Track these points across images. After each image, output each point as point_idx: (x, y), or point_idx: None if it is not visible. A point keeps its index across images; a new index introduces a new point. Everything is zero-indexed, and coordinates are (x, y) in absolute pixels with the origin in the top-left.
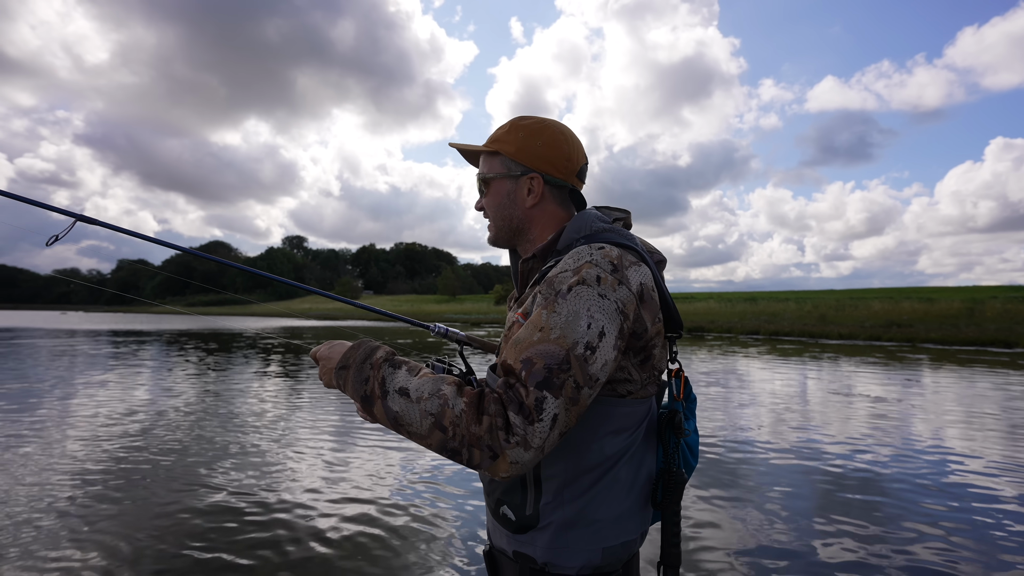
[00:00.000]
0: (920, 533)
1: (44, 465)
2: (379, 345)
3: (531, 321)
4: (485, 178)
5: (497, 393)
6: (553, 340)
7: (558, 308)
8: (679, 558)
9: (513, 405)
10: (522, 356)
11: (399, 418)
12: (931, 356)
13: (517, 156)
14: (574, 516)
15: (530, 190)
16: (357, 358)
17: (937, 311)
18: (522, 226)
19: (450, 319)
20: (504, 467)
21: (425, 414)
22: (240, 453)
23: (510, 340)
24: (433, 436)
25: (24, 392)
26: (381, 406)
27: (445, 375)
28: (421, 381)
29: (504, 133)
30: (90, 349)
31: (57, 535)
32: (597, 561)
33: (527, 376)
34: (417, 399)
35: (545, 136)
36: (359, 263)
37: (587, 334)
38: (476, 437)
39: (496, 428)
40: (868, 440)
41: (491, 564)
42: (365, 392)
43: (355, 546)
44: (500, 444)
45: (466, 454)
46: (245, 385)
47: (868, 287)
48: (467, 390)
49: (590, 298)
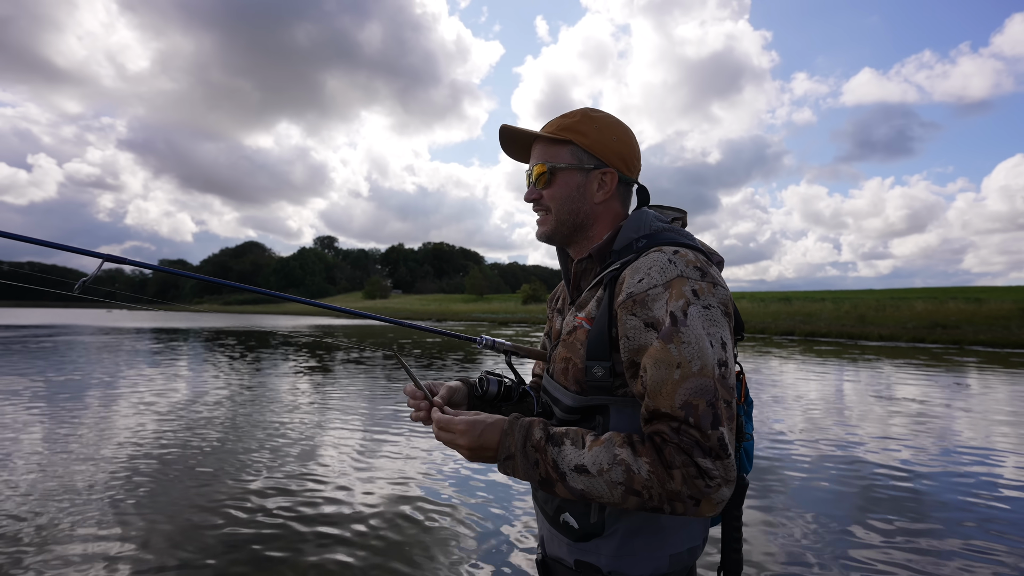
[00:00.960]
0: (963, 546)
1: (89, 455)
2: (531, 421)
3: (658, 359)
4: (554, 167)
5: (673, 443)
6: (697, 373)
7: (684, 338)
8: (741, 564)
9: (696, 450)
10: (678, 401)
11: (586, 494)
12: (980, 359)
13: (593, 148)
14: (640, 522)
15: (600, 185)
16: (517, 444)
17: (986, 312)
18: (587, 222)
19: (478, 318)
20: (709, 508)
21: (613, 484)
22: (269, 448)
23: (647, 386)
24: (628, 502)
25: (72, 385)
26: (563, 487)
27: (614, 435)
28: (594, 454)
29: (577, 122)
30: (135, 345)
31: (97, 520)
32: (664, 568)
33: (697, 421)
34: (598, 472)
35: (619, 131)
36: (388, 263)
37: (715, 353)
38: (675, 493)
39: (691, 477)
40: (911, 446)
41: (545, 573)
42: (540, 477)
43: (384, 541)
44: (702, 491)
45: (668, 508)
46: (280, 380)
47: (910, 287)
48: (641, 448)
49: (701, 316)
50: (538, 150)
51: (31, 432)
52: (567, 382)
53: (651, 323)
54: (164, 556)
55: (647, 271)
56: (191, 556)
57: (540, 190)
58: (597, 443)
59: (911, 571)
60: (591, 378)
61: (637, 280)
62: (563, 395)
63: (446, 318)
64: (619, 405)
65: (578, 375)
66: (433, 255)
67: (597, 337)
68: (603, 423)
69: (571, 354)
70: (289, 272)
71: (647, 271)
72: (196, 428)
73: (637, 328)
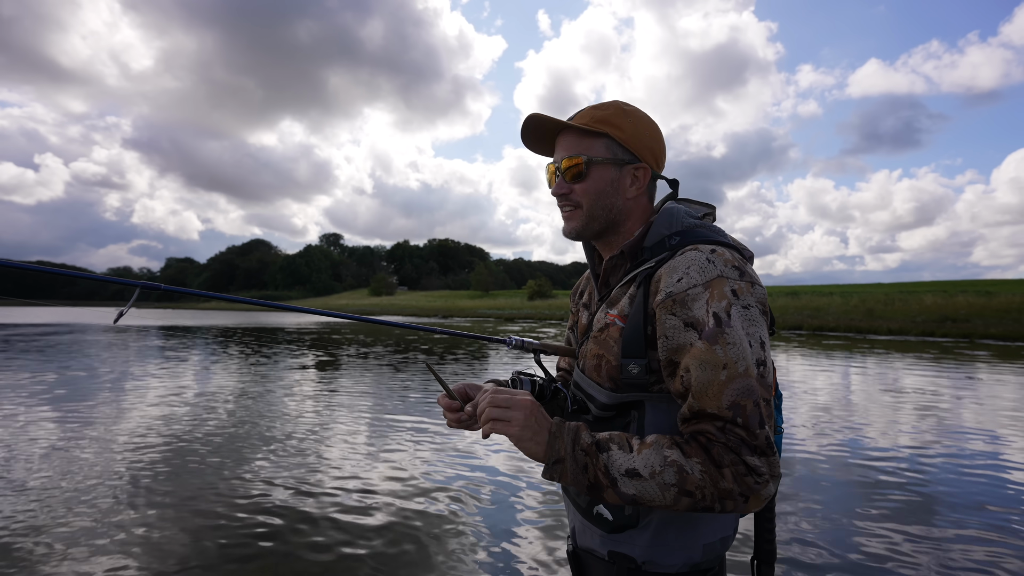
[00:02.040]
0: (969, 540)
1: (93, 452)
2: (577, 426)
3: (704, 360)
4: (591, 160)
5: (720, 442)
6: (743, 374)
7: (728, 339)
8: (774, 554)
9: (744, 449)
10: (726, 402)
11: (638, 499)
12: (991, 353)
13: (628, 142)
14: (673, 514)
15: (633, 180)
16: (567, 448)
17: (997, 305)
18: (619, 218)
19: (484, 314)
20: (757, 504)
21: (666, 487)
22: (278, 444)
23: (691, 386)
24: (680, 503)
25: (81, 382)
26: (614, 493)
27: (659, 437)
28: (645, 456)
29: (611, 115)
30: (145, 343)
31: (105, 518)
32: (697, 558)
33: (745, 421)
34: (651, 475)
35: (651, 127)
36: (394, 259)
37: (755, 352)
38: (726, 491)
39: (740, 475)
40: (919, 440)
41: (576, 565)
42: (588, 482)
43: (389, 538)
44: (751, 488)
45: (719, 507)
46: (286, 377)
47: (918, 280)
48: (688, 448)
49: (741, 316)
50: (568, 142)
51: (40, 428)
52: (600, 379)
53: (691, 323)
54: (170, 553)
55: (685, 270)
56: (197, 553)
57: (571, 184)
58: (645, 446)
59: (917, 562)
60: (626, 375)
61: (676, 279)
62: (597, 392)
63: (452, 314)
64: (654, 401)
65: (612, 372)
66: (438, 251)
67: (632, 335)
68: (638, 419)
69: (604, 351)
70: (295, 270)
71: (685, 270)
72: (203, 424)
73: (676, 328)
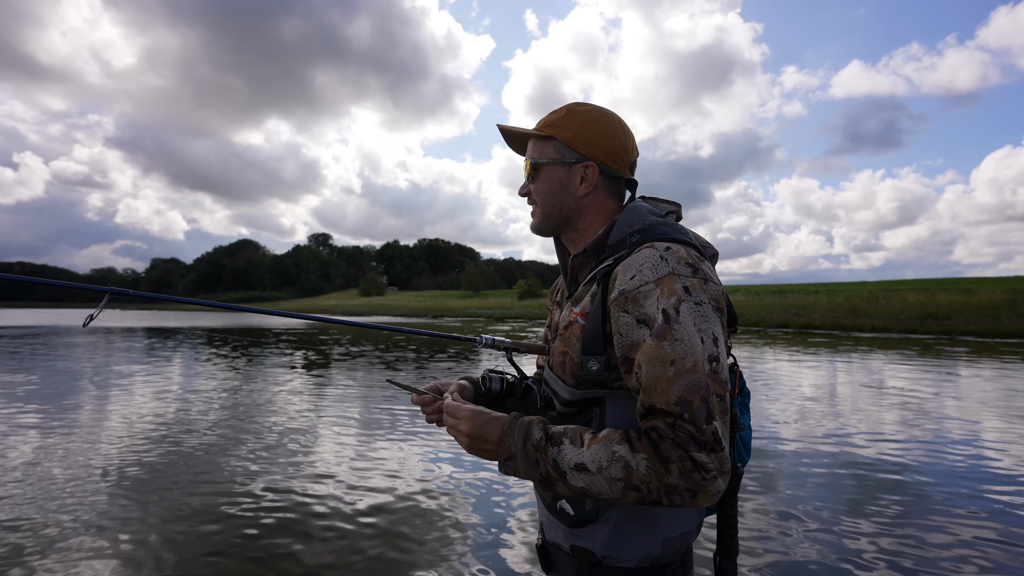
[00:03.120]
0: (952, 534)
1: (80, 452)
2: (530, 421)
3: (652, 356)
4: (536, 163)
5: (669, 438)
6: (690, 370)
7: (676, 335)
8: (736, 550)
9: (692, 444)
10: (673, 398)
11: (586, 491)
12: (970, 349)
13: (573, 143)
14: (633, 509)
15: (583, 178)
16: (517, 444)
17: (976, 302)
18: (571, 215)
19: (474, 314)
20: (706, 499)
21: (612, 481)
22: (267, 443)
23: (642, 382)
24: (628, 497)
25: (62, 385)
26: (563, 486)
27: (611, 432)
28: (593, 451)
29: (560, 118)
30: (127, 345)
31: (89, 521)
32: (657, 553)
33: (691, 416)
34: (598, 470)
35: (603, 124)
36: (383, 259)
37: (707, 349)
38: (672, 486)
39: (687, 471)
40: (901, 436)
41: (544, 558)
42: (540, 476)
43: (379, 535)
44: (698, 483)
45: (666, 501)
46: (273, 378)
47: (902, 278)
48: (638, 443)
49: (692, 312)
50: (529, 147)
51: (25, 432)
52: (564, 375)
53: (643, 320)
54: (158, 556)
55: (639, 268)
56: (186, 555)
57: (529, 185)
58: (595, 441)
59: (900, 558)
60: (586, 372)
61: (629, 277)
62: (561, 388)
63: (442, 314)
64: (615, 398)
65: (574, 369)
66: (428, 251)
67: (592, 332)
68: (600, 415)
69: (568, 348)
70: (284, 270)
71: (639, 268)
72: (190, 425)
73: (630, 325)
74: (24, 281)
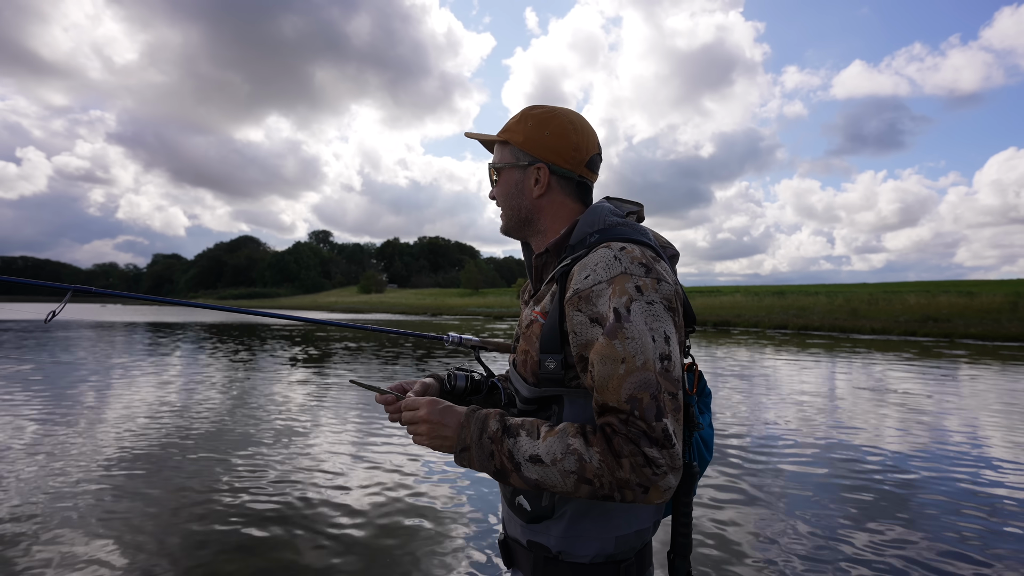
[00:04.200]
0: (950, 538)
1: (80, 447)
2: (488, 413)
3: (604, 354)
4: (496, 167)
5: (622, 434)
6: (640, 368)
7: (627, 334)
8: (689, 547)
9: (643, 440)
10: (624, 395)
11: (540, 483)
12: (971, 352)
13: (524, 146)
14: (588, 506)
15: (537, 180)
16: (473, 436)
17: (977, 305)
18: (530, 216)
19: (473, 312)
20: (657, 495)
21: (566, 473)
22: (263, 442)
23: (595, 380)
24: (580, 490)
25: (65, 378)
26: (518, 477)
27: (567, 426)
28: (548, 444)
29: (515, 123)
30: (129, 340)
31: (87, 517)
32: (610, 549)
33: (642, 413)
34: (552, 462)
35: (553, 125)
36: (384, 257)
37: (657, 347)
38: (623, 481)
39: (639, 466)
40: (898, 438)
41: (506, 552)
42: (495, 467)
43: (375, 532)
44: (649, 479)
45: (618, 496)
46: (272, 376)
47: (903, 280)
48: (592, 438)
49: (643, 311)
50: (494, 151)
51: (24, 428)
52: (525, 373)
53: (596, 319)
54: (150, 558)
55: (593, 268)
56: (178, 558)
57: (493, 189)
58: (551, 433)
59: (894, 559)
60: (544, 370)
61: (584, 276)
62: (521, 386)
63: (441, 312)
64: (572, 396)
65: (533, 367)
66: (429, 249)
67: (549, 331)
68: (558, 412)
69: (529, 347)
70: (284, 266)
71: (593, 268)
72: (186, 425)
73: (583, 323)
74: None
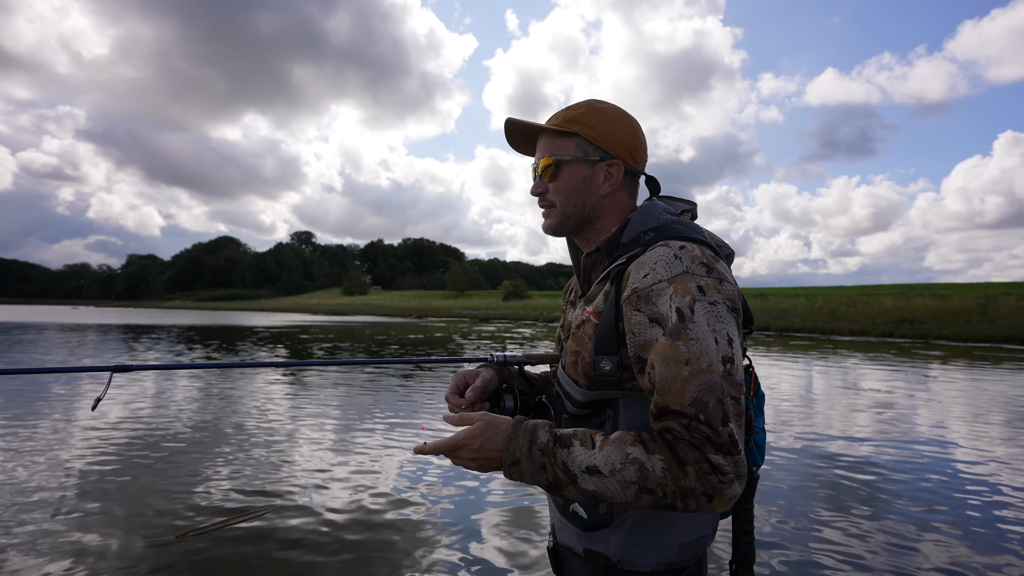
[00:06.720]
0: (922, 533)
1: (50, 454)
2: (536, 424)
3: (666, 355)
4: (560, 160)
5: (685, 440)
6: (705, 370)
7: (691, 335)
8: (752, 557)
9: (708, 446)
10: (688, 398)
11: (598, 495)
12: (945, 353)
13: (598, 140)
14: (648, 512)
15: (607, 177)
16: (523, 448)
17: (950, 308)
18: (593, 214)
19: (459, 315)
20: (722, 504)
21: (626, 484)
22: (244, 441)
23: (656, 383)
24: (641, 500)
25: (32, 385)
26: (574, 489)
27: (624, 434)
28: (606, 453)
29: (582, 114)
30: (102, 343)
31: (59, 523)
32: (672, 557)
33: (707, 418)
34: (611, 472)
35: (624, 122)
36: (367, 259)
37: (721, 349)
38: (688, 490)
39: (704, 474)
40: (874, 437)
41: (556, 560)
42: (547, 480)
43: (357, 537)
44: (715, 487)
45: (681, 505)
46: (251, 381)
47: (878, 283)
48: (653, 445)
49: (706, 312)
50: (543, 143)
51: None
52: (577, 376)
53: (656, 319)
54: (123, 560)
55: (652, 266)
56: (153, 563)
57: (546, 184)
58: (608, 443)
59: (871, 556)
60: (599, 372)
61: (642, 275)
62: (573, 389)
63: (427, 314)
64: (628, 399)
65: (586, 369)
66: (413, 251)
67: (604, 331)
68: (613, 417)
69: (580, 348)
70: (265, 268)
71: (652, 266)
72: (163, 429)
73: (642, 324)
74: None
